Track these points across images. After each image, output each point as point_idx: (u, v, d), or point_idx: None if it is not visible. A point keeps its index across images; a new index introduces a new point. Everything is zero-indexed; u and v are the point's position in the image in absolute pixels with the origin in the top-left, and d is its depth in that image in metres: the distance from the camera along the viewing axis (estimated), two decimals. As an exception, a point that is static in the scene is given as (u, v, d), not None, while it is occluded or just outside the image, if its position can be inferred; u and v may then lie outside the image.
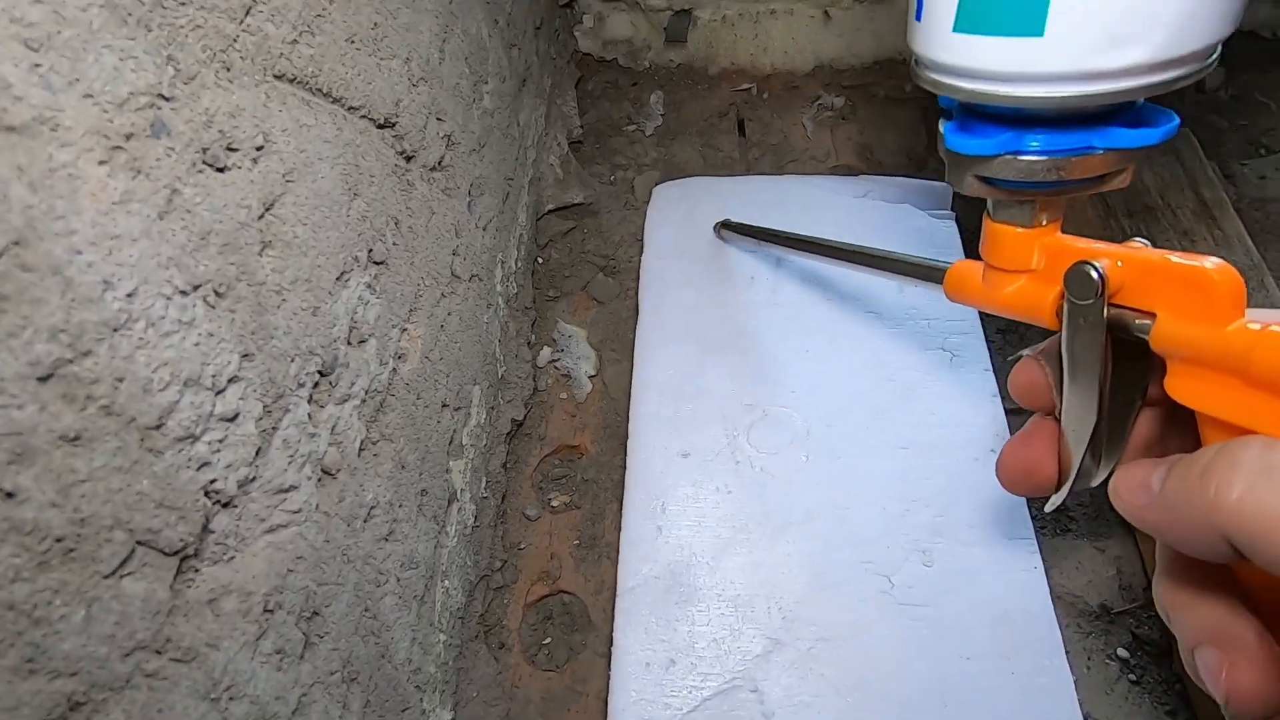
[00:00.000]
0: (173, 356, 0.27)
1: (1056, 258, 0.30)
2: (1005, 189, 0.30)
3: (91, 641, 0.24)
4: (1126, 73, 0.26)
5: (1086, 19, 0.25)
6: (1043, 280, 0.31)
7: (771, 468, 0.63)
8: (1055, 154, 0.29)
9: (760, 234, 0.73)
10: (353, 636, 0.42)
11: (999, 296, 0.33)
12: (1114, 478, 0.25)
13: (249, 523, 0.33)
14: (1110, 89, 0.27)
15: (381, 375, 0.46)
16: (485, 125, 0.68)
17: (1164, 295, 0.25)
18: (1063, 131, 0.29)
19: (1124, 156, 0.29)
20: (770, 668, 0.54)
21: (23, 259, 0.21)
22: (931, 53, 0.29)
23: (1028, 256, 0.31)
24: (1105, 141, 0.29)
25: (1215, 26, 0.26)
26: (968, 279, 0.36)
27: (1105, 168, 0.29)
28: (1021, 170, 0.29)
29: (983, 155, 0.29)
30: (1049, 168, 0.29)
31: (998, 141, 0.29)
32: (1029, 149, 0.29)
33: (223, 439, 0.31)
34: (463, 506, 0.62)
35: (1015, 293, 0.32)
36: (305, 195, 0.37)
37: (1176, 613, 0.26)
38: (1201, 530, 0.22)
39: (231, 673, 0.31)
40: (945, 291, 0.38)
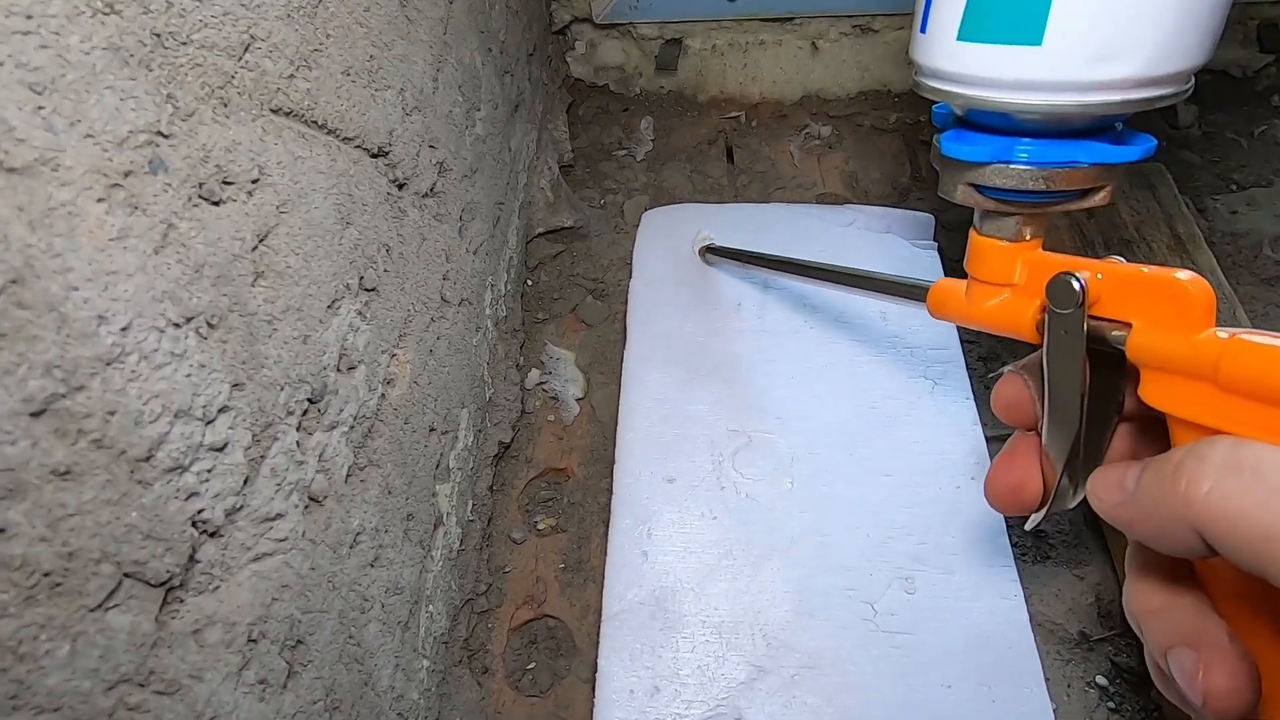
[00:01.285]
0: (164, 389, 0.28)
1: (1038, 273, 0.31)
2: (994, 198, 0.32)
3: (76, 676, 0.24)
4: (1114, 86, 0.28)
5: (1082, 32, 0.27)
6: (1024, 295, 0.32)
7: (756, 494, 0.64)
8: (1043, 165, 0.30)
9: (745, 257, 0.75)
10: (336, 664, 0.42)
11: (981, 310, 0.34)
12: (1090, 479, 0.26)
13: (235, 552, 0.33)
14: (1099, 100, 0.29)
15: (370, 401, 0.46)
16: (477, 151, 0.69)
17: (1139, 305, 0.27)
18: (1051, 143, 0.31)
19: (1106, 172, 0.31)
20: (754, 695, 0.54)
21: (20, 297, 0.22)
22: (934, 61, 0.31)
23: (1011, 270, 0.32)
24: (1090, 156, 0.30)
25: (1194, 52, 0.28)
26: (950, 295, 0.37)
27: (1089, 182, 0.31)
28: (1012, 179, 0.31)
29: (976, 162, 0.31)
30: (1037, 177, 0.31)
31: (990, 149, 0.31)
32: (1019, 158, 0.31)
33: (211, 469, 0.31)
34: (448, 530, 0.62)
35: (997, 307, 0.33)
36: (298, 225, 0.37)
37: (1148, 617, 0.26)
38: (1174, 525, 0.22)
39: (214, 704, 0.31)
40: (929, 309, 0.39)
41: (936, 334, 0.72)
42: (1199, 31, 0.28)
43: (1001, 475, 0.32)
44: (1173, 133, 1.02)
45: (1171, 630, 0.25)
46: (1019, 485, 0.31)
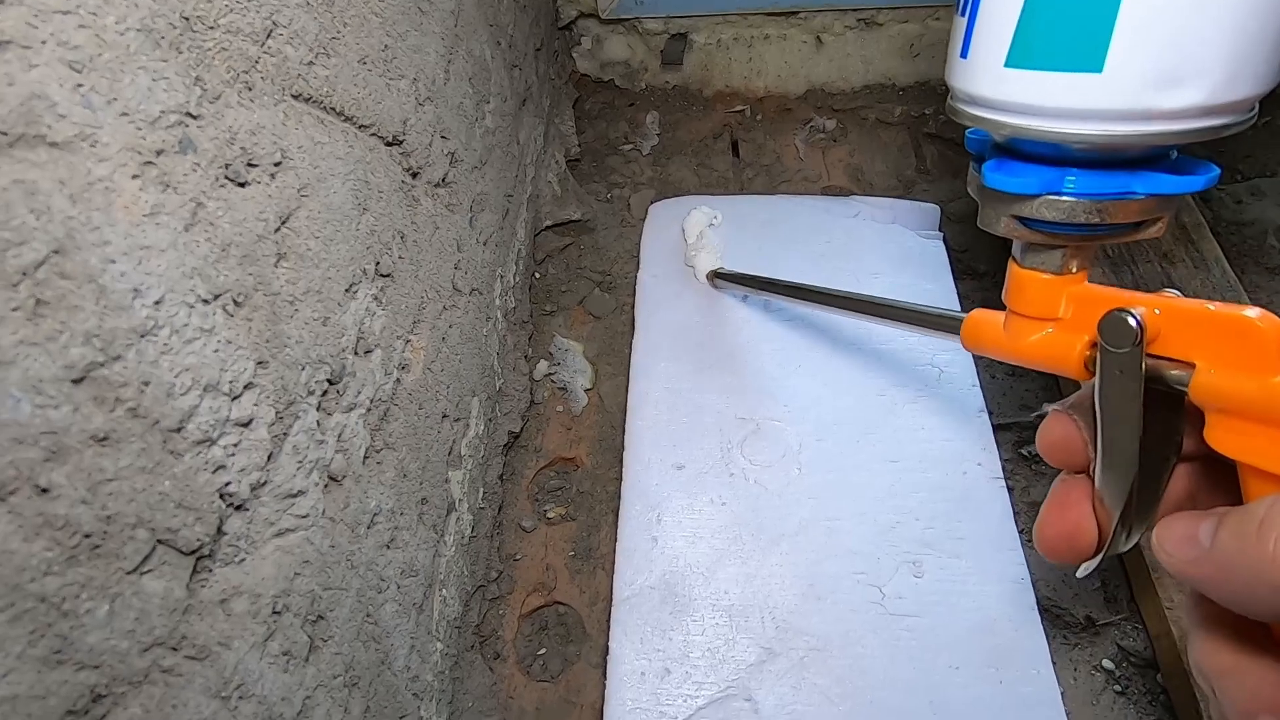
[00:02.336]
0: (194, 362, 0.28)
1: (1085, 306, 0.30)
2: (1040, 231, 0.30)
3: (114, 636, 0.24)
4: (1180, 114, 0.26)
5: (1146, 58, 0.25)
6: (1070, 329, 0.30)
7: (765, 480, 0.65)
8: (1097, 196, 0.28)
9: (757, 283, 0.72)
10: (355, 642, 0.42)
11: (1022, 346, 0.32)
12: (1156, 531, 0.24)
13: (259, 526, 0.34)
14: (1162, 130, 0.27)
15: (386, 385, 0.47)
16: (487, 143, 0.70)
17: (1203, 344, 0.25)
18: (1104, 174, 0.28)
19: (1162, 203, 0.29)
20: (764, 677, 0.55)
21: (62, 267, 0.23)
22: (978, 88, 0.29)
23: (1055, 304, 0.30)
24: (1147, 186, 0.28)
25: (1264, 77, 0.27)
26: (987, 328, 0.35)
27: (1143, 214, 0.29)
28: (1063, 211, 0.29)
29: (1024, 194, 0.29)
30: (1090, 210, 0.29)
31: (1040, 180, 0.29)
32: (1070, 190, 0.29)
33: (237, 443, 0.32)
34: (460, 516, 0.63)
35: (1041, 342, 0.31)
36: (318, 209, 0.38)
37: (1222, 679, 0.24)
38: (1259, 588, 0.21)
39: (241, 672, 0.31)
40: (962, 342, 0.37)
41: (942, 323, 0.73)
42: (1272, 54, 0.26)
43: (1054, 523, 0.29)
44: (1177, 124, 1.03)
45: (1254, 694, 0.23)
46: (1073, 533, 0.29)
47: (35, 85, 0.22)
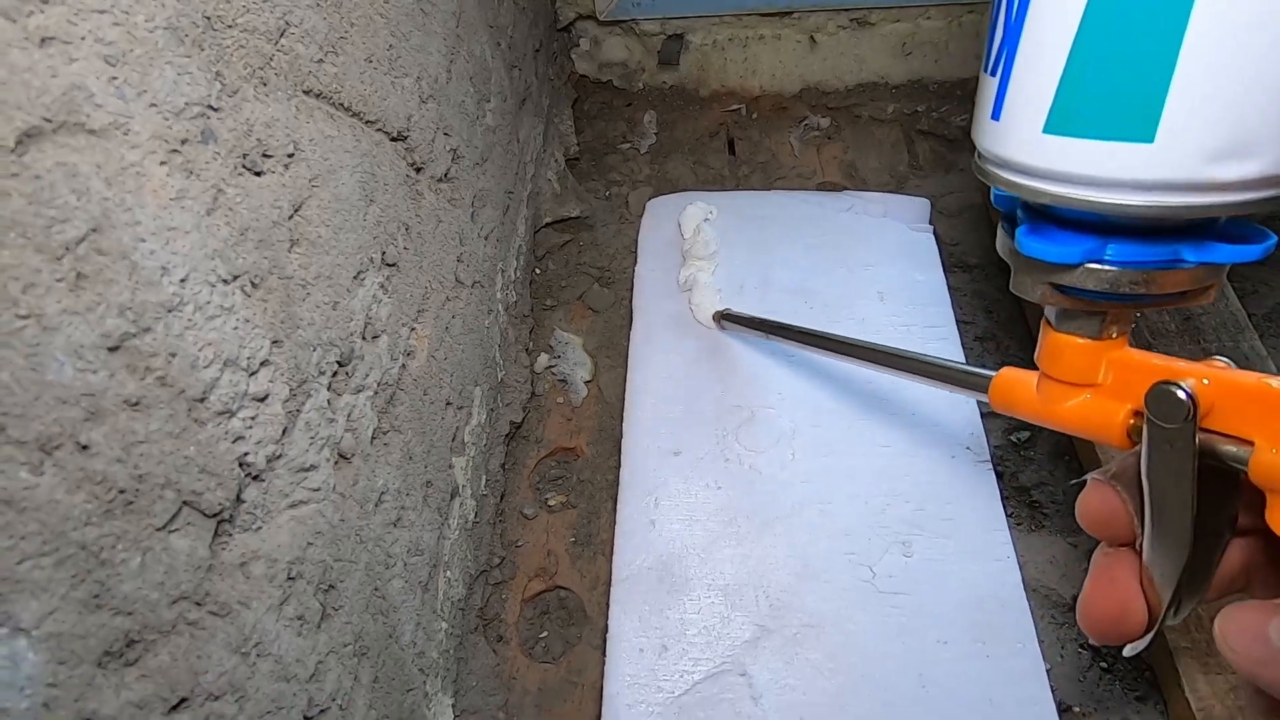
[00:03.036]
0: (215, 338, 0.30)
1: (1127, 373, 0.28)
2: (1080, 299, 0.28)
3: (145, 586, 0.26)
4: (1236, 186, 0.24)
5: (1203, 127, 0.23)
6: (1110, 396, 0.28)
7: (759, 465, 0.66)
8: (1142, 265, 0.27)
9: (767, 327, 0.70)
10: (364, 613, 0.44)
11: (1058, 411, 0.30)
12: (1219, 624, 0.23)
13: (274, 497, 0.36)
14: (1217, 202, 0.25)
15: (392, 370, 0.49)
16: (488, 141, 0.72)
17: (1263, 422, 0.24)
18: (1151, 242, 0.26)
19: (1212, 271, 0.27)
20: (758, 653, 0.57)
21: (99, 244, 0.25)
22: (1013, 153, 0.27)
23: (1094, 370, 0.29)
24: (1199, 255, 0.26)
25: None
26: (1018, 389, 0.33)
27: (1193, 283, 0.27)
28: (1106, 281, 0.27)
29: (1065, 264, 0.27)
30: (1135, 280, 0.27)
31: (1082, 249, 0.27)
32: (1114, 259, 0.27)
33: (254, 417, 0.34)
34: (464, 501, 0.65)
35: (1079, 409, 0.29)
36: (328, 199, 0.40)
37: None
38: None
39: (259, 631, 0.33)
40: (991, 401, 0.35)
41: (932, 312, 0.75)
42: None
43: (1101, 602, 0.27)
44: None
45: None
46: (1122, 614, 0.27)
47: (75, 77, 0.24)
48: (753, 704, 0.55)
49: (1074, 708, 0.64)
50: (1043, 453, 0.78)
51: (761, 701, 0.55)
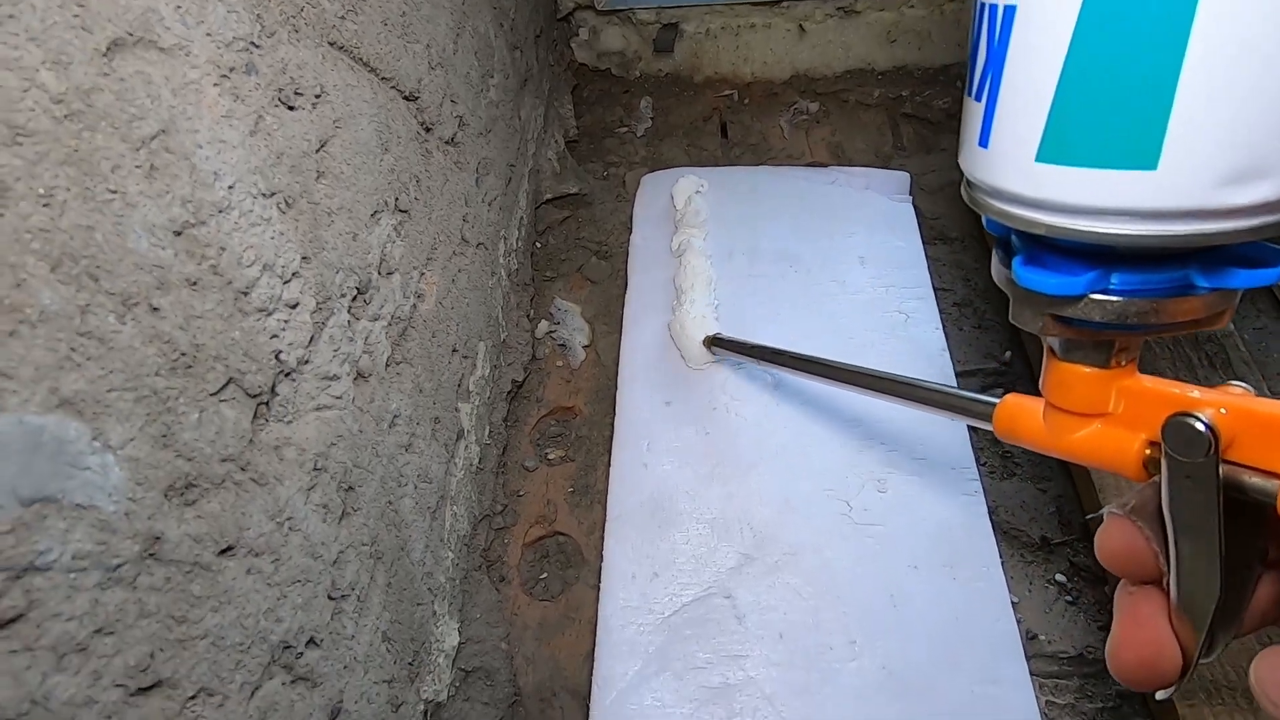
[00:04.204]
0: (256, 242, 0.35)
1: (1138, 402, 0.27)
2: (1085, 329, 0.27)
3: (201, 440, 0.31)
4: (1252, 210, 0.23)
5: (1210, 150, 0.22)
6: (1123, 425, 0.27)
7: (744, 413, 0.71)
8: (1150, 294, 0.25)
9: (758, 352, 0.68)
10: (379, 521, 0.49)
11: (1067, 442, 0.29)
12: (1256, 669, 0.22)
13: (303, 398, 0.40)
14: (1231, 228, 0.23)
15: (405, 306, 0.54)
16: (491, 114, 0.77)
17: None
18: (1159, 269, 0.25)
19: (1227, 297, 0.25)
20: (742, 578, 0.61)
21: (167, 143, 0.29)
22: (1004, 182, 0.25)
23: (1104, 400, 0.27)
24: (1211, 281, 0.24)
25: None
26: (1023, 419, 0.31)
27: (1205, 310, 0.25)
28: (1112, 311, 0.25)
29: (1067, 296, 0.25)
30: (1143, 309, 0.25)
31: (1084, 280, 0.25)
32: (1120, 288, 0.25)
33: (287, 321, 0.38)
34: (469, 446, 0.69)
35: (1089, 439, 0.28)
36: (349, 140, 0.45)
37: None
38: None
39: (291, 508, 0.38)
40: (995, 430, 0.34)
41: (909, 274, 0.79)
42: None
43: (1132, 646, 0.26)
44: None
45: None
46: (1155, 657, 0.25)
47: (149, 1, 0.29)
48: (736, 623, 0.59)
49: (1040, 636, 0.68)
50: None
51: (745, 620, 0.59)
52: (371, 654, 0.47)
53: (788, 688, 0.56)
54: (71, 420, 0.25)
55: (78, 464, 0.25)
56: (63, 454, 0.24)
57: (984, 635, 0.57)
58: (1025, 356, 0.85)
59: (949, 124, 1.11)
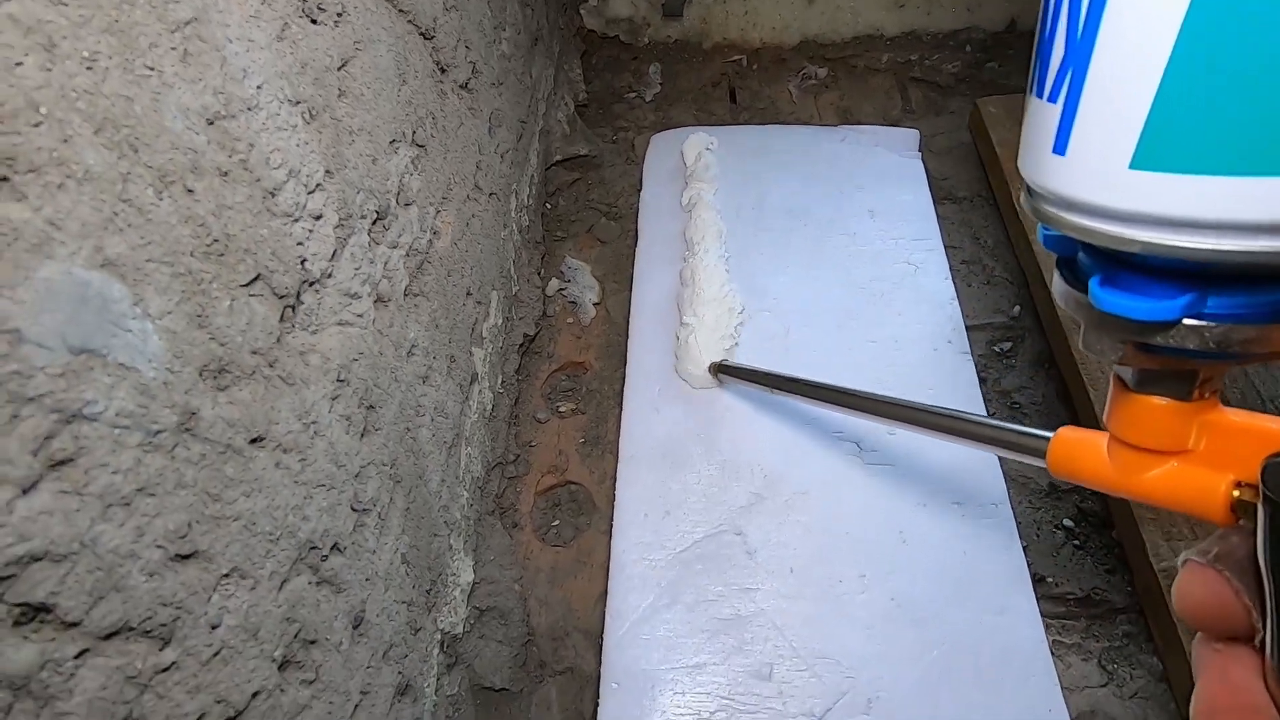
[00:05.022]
0: (283, 146, 0.36)
1: (1224, 438, 0.25)
2: (1173, 358, 0.24)
3: (232, 329, 0.32)
4: None
5: None
6: (1205, 464, 0.25)
7: (755, 359, 0.72)
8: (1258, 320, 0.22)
9: (770, 381, 0.64)
10: (398, 445, 0.50)
11: (1139, 483, 0.26)
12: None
13: (326, 311, 0.41)
14: None
15: (422, 239, 0.54)
16: (503, 67, 0.77)
17: None
18: (1265, 291, 0.22)
19: None
20: (753, 516, 0.62)
21: (199, 31, 0.30)
22: (1087, 194, 0.22)
23: (1183, 436, 0.25)
24: None
25: None
26: (1084, 455, 0.29)
27: None
28: (1212, 340, 0.22)
29: (1159, 322, 0.22)
30: (1249, 337, 0.22)
31: (1180, 304, 0.22)
32: (1221, 312, 0.22)
33: (311, 230, 0.39)
34: (482, 391, 0.70)
35: (1166, 480, 0.26)
36: (368, 64, 0.46)
37: None
38: None
39: (316, 412, 0.39)
40: (1050, 468, 0.31)
41: (919, 227, 0.80)
42: None
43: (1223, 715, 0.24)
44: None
45: None
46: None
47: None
48: (747, 557, 0.60)
49: (1048, 579, 0.69)
50: (1024, 360, 0.83)
51: (756, 555, 0.60)
52: (391, 573, 0.48)
53: (798, 618, 0.57)
54: (114, 281, 0.25)
55: (120, 324, 0.26)
56: (107, 311, 0.25)
57: (992, 568, 0.58)
58: (1035, 311, 0.85)
59: (958, 87, 1.11)
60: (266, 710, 0.34)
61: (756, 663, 0.55)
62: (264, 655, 0.34)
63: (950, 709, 0.52)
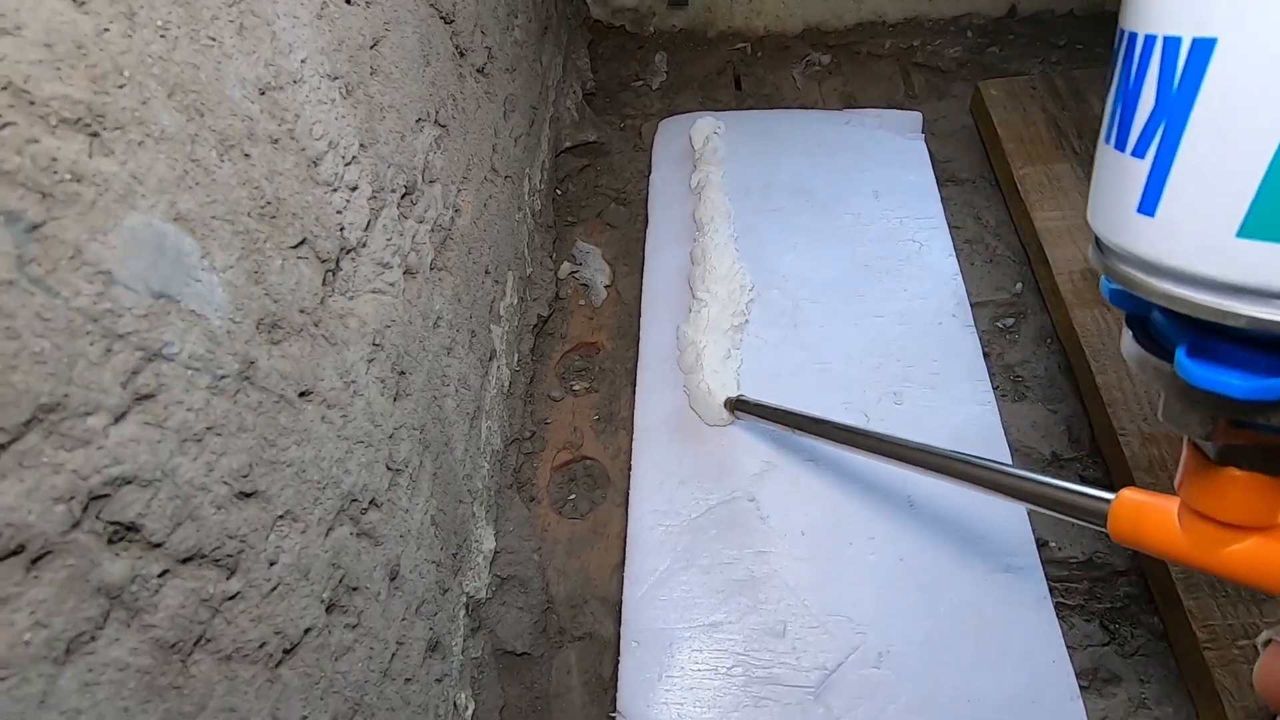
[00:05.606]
0: (324, 118, 0.38)
1: None
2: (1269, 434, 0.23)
3: (283, 287, 0.34)
4: None
5: None
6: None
7: (764, 335, 0.74)
8: None
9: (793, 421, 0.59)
10: (426, 411, 0.52)
11: (1219, 557, 0.25)
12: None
13: (361, 280, 0.43)
14: None
15: (445, 216, 0.57)
16: (516, 54, 0.79)
17: None
18: None
19: None
20: (765, 483, 0.64)
21: (252, 7, 0.32)
22: (1182, 261, 0.20)
23: (1270, 511, 0.24)
24: None
25: None
26: (1152, 523, 0.27)
27: None
28: None
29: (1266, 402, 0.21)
30: None
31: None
32: None
33: (348, 200, 0.41)
34: (500, 367, 0.72)
35: (1250, 556, 0.24)
36: (396, 44, 0.48)
37: None
38: None
39: (355, 372, 0.41)
40: (1112, 534, 0.30)
41: (922, 207, 0.82)
42: None
43: None
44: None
45: None
46: None
47: (236, -125, 0.31)
48: (760, 522, 0.62)
49: (1050, 544, 0.71)
50: (1026, 335, 0.85)
51: (768, 520, 0.62)
52: (422, 533, 0.51)
53: (810, 579, 0.59)
54: (185, 234, 0.28)
55: (191, 274, 0.28)
56: (180, 262, 0.27)
57: (997, 528, 0.60)
58: (1036, 288, 0.87)
59: (960, 72, 1.13)
60: (317, 647, 0.36)
61: (771, 621, 0.57)
62: (314, 595, 0.36)
63: (957, 662, 0.54)
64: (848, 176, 0.84)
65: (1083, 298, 0.79)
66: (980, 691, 0.53)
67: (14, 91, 0.21)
